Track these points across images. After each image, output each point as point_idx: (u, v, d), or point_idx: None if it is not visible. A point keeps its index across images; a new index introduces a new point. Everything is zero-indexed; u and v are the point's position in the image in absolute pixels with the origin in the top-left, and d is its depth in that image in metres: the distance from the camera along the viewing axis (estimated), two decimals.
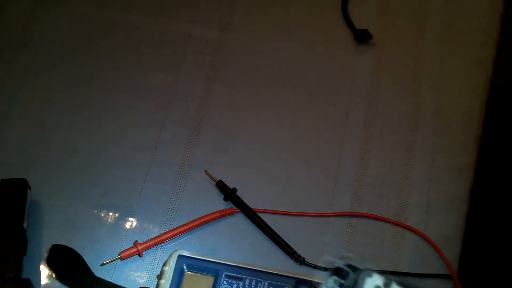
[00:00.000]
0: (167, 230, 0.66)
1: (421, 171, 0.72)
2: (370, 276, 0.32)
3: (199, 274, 0.60)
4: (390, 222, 0.68)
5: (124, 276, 0.64)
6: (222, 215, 0.67)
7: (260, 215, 0.67)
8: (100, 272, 0.63)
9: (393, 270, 0.64)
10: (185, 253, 0.60)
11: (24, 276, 0.61)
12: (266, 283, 0.58)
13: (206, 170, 0.70)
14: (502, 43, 0.81)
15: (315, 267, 0.64)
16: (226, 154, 0.73)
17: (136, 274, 0.64)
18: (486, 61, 0.79)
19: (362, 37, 0.79)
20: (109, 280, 0.62)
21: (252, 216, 0.67)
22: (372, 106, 0.76)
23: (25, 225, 0.63)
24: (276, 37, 0.81)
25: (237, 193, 0.68)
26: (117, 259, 0.64)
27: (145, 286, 0.63)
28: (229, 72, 0.79)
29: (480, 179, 0.72)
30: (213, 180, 0.69)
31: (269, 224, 0.66)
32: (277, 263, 0.65)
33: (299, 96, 0.77)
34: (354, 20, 0.81)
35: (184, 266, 0.60)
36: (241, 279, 0.58)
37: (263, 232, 0.67)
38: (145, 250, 0.65)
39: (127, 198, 0.69)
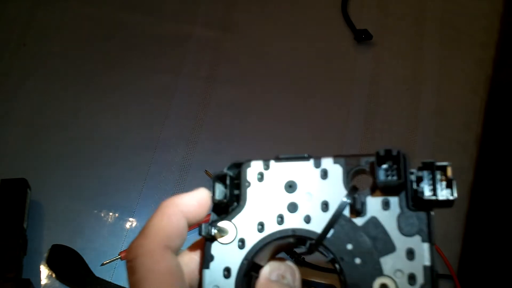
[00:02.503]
0: None
1: None
2: (249, 166, 0.31)
3: None
4: None
5: (124, 276, 0.64)
6: None
7: None
8: (100, 272, 0.63)
9: None
10: None
11: (24, 276, 0.61)
12: None
13: (206, 170, 0.70)
14: (502, 43, 0.81)
15: (315, 267, 0.64)
16: (226, 154, 0.72)
17: None
18: (486, 61, 0.79)
19: (362, 37, 0.79)
20: (109, 280, 0.62)
21: None
22: (372, 106, 0.76)
23: (25, 225, 0.63)
24: (276, 37, 0.81)
25: None
26: (117, 259, 0.64)
27: None
28: (229, 72, 0.79)
29: (480, 179, 0.72)
30: None
31: None
32: None
33: (299, 96, 0.77)
34: (354, 20, 0.81)
35: None
36: None
37: None
38: None
39: (127, 198, 0.69)
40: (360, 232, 0.28)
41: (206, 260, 0.30)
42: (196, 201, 0.31)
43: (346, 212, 0.29)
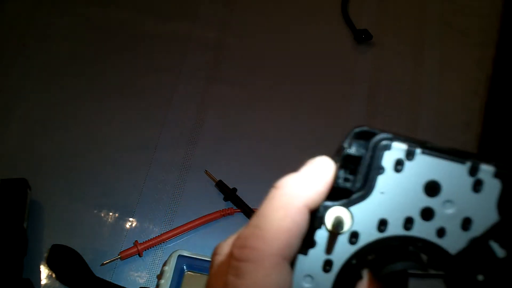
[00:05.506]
0: (167, 230, 0.66)
1: None
2: (388, 149, 0.25)
3: (199, 274, 0.60)
4: None
5: (124, 276, 0.64)
6: (222, 215, 0.67)
7: None
8: (100, 272, 0.63)
9: None
10: (185, 253, 0.60)
11: (24, 276, 0.61)
12: None
13: (206, 170, 0.70)
14: (502, 43, 0.81)
15: None
16: (226, 154, 0.73)
17: (136, 274, 0.64)
18: (486, 61, 0.79)
19: (362, 37, 0.79)
20: (109, 280, 0.62)
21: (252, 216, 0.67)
22: (372, 106, 0.76)
23: (25, 225, 0.63)
24: (276, 37, 0.81)
25: (237, 193, 0.68)
26: (117, 259, 0.64)
27: (145, 286, 0.63)
28: (229, 72, 0.78)
29: None
30: (213, 180, 0.69)
31: None
32: None
33: (299, 96, 0.77)
34: (354, 20, 0.81)
35: (184, 266, 0.60)
36: None
37: None
38: (145, 250, 0.65)
39: (127, 198, 0.69)
40: (497, 265, 0.24)
41: (305, 244, 0.25)
42: (324, 187, 0.25)
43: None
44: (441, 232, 0.24)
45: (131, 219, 0.68)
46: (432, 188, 0.24)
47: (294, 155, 0.72)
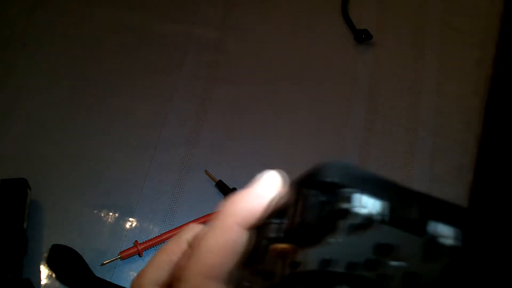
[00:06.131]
0: (167, 230, 0.66)
1: (421, 171, 0.72)
2: (344, 218, 0.23)
3: None
4: None
5: (124, 276, 0.64)
6: None
7: None
8: (100, 272, 0.63)
9: None
10: None
11: (24, 276, 0.61)
12: None
13: (206, 170, 0.70)
14: (502, 43, 0.81)
15: None
16: (226, 154, 0.73)
17: (136, 274, 0.64)
18: (486, 61, 0.79)
19: (362, 37, 0.79)
20: (109, 280, 0.62)
21: None
22: (372, 106, 0.76)
23: (25, 225, 0.63)
24: (276, 37, 0.81)
25: None
26: (117, 259, 0.64)
27: None
28: (229, 72, 0.78)
29: (480, 179, 0.72)
30: (213, 180, 0.69)
31: None
32: None
33: (299, 97, 0.77)
34: (354, 20, 0.81)
35: None
36: None
37: None
38: (145, 250, 0.65)
39: (127, 198, 0.69)
40: None
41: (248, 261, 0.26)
42: (263, 205, 0.25)
43: None
44: (383, 277, 0.23)
45: (131, 219, 0.68)
46: (383, 249, 0.23)
47: (294, 155, 0.72)
